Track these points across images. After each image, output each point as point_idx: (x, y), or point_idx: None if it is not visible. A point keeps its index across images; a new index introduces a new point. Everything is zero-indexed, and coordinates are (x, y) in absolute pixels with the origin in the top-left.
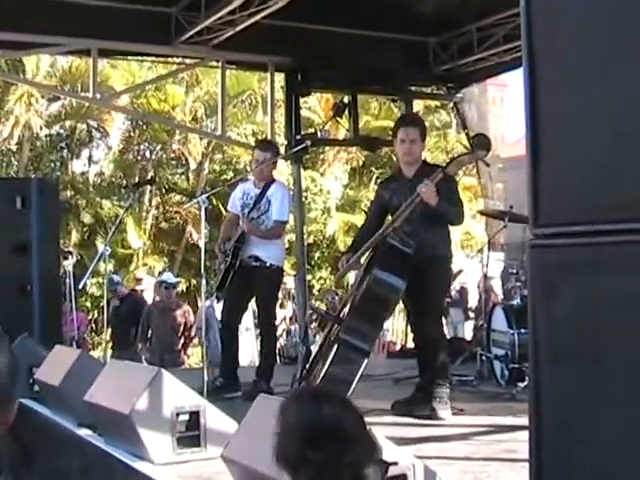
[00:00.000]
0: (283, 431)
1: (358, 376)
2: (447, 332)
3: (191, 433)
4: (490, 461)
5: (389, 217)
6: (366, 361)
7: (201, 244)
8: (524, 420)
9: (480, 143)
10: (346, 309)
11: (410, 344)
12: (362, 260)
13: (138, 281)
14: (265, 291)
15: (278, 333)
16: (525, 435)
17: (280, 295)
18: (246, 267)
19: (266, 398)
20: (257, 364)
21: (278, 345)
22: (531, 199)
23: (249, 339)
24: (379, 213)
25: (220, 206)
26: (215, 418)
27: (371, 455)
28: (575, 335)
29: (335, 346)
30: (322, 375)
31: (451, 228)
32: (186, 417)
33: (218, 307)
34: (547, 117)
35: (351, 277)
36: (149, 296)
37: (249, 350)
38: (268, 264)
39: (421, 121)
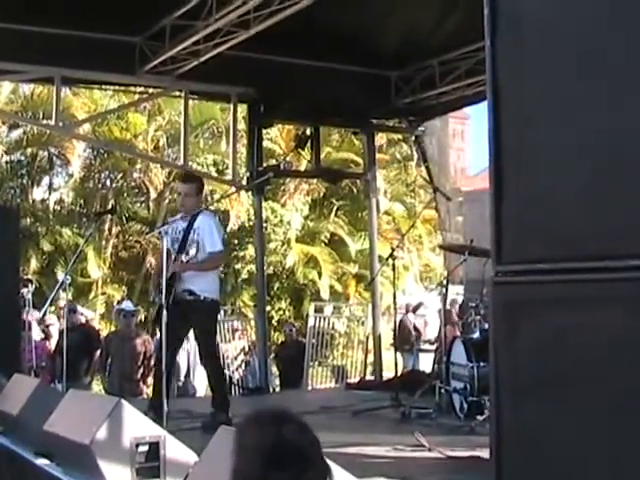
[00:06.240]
0: (244, 453)
1: None
2: (407, 364)
3: (151, 464)
4: None
5: None
6: None
7: (162, 275)
8: (483, 453)
9: None
10: None
11: (369, 376)
12: None
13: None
14: (202, 323)
15: (237, 364)
16: None
17: (240, 326)
18: (180, 301)
19: (227, 430)
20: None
21: (237, 376)
22: (494, 236)
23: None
24: None
25: None
26: (175, 449)
27: (325, 476)
28: (537, 370)
29: None
30: None
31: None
32: (146, 448)
33: None
34: (510, 155)
35: (310, 308)
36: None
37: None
38: (202, 297)
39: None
